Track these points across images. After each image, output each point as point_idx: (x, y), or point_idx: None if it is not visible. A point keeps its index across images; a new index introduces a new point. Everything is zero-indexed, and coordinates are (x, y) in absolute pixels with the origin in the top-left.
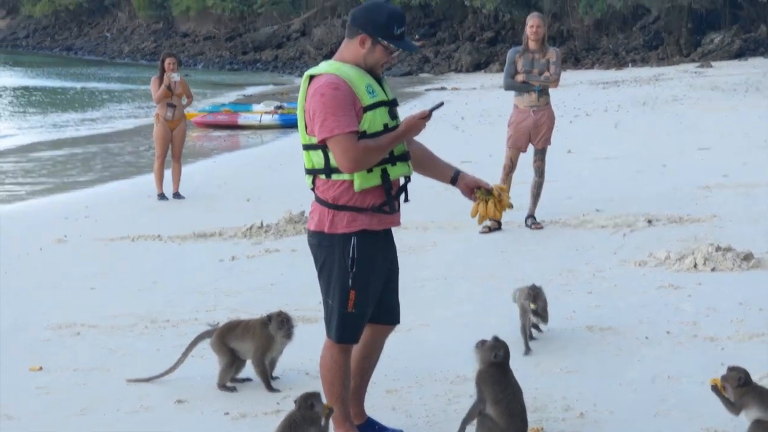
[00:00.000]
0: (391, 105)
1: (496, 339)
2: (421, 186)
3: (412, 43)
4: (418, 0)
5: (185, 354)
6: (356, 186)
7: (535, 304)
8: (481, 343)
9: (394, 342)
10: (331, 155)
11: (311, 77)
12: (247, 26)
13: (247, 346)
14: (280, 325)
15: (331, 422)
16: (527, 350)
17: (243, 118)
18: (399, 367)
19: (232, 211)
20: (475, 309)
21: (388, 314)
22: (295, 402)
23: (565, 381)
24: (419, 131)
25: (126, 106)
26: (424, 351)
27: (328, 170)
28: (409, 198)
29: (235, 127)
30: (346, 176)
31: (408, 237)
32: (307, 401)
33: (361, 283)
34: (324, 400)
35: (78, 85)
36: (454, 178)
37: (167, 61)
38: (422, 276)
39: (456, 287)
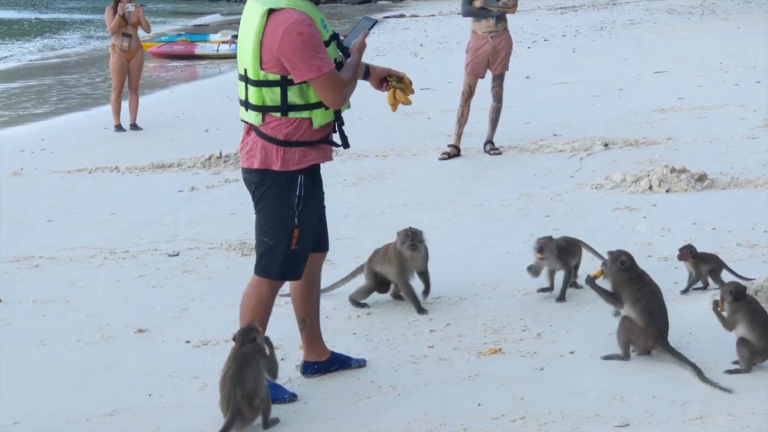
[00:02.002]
0: (337, 38)
1: (618, 251)
2: (379, 114)
3: None
4: None
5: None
6: (315, 124)
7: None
8: (609, 254)
9: (355, 268)
10: (290, 93)
11: (270, 11)
12: None
13: (387, 268)
14: (404, 239)
15: None
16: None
17: (200, 48)
18: None
19: (190, 141)
20: (435, 235)
21: (321, 241)
22: (235, 339)
23: (523, 302)
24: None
25: (81, 36)
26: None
27: (285, 108)
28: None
29: (192, 57)
30: (304, 114)
31: (368, 165)
32: (249, 335)
33: (306, 220)
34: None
35: (31, 16)
36: (366, 73)
37: None
38: (382, 203)
39: (416, 214)
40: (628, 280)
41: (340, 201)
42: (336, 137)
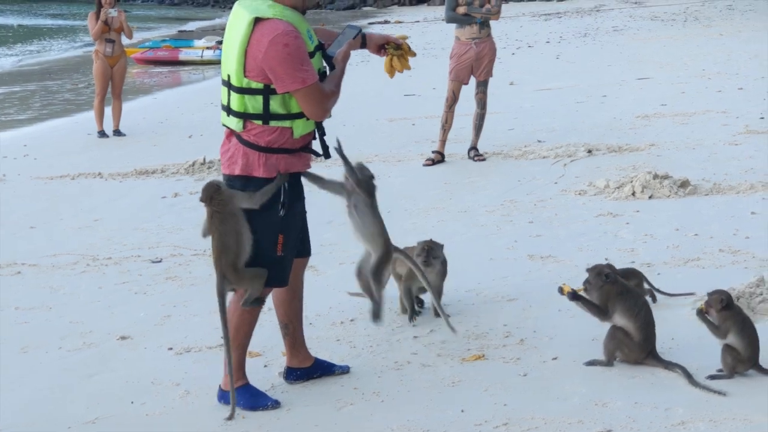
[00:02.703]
0: (322, 48)
1: (599, 264)
2: (363, 120)
3: None
4: None
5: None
6: (296, 133)
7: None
8: (590, 270)
9: (339, 275)
10: (272, 102)
11: (257, 20)
12: None
13: (400, 271)
14: (419, 252)
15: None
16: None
17: (184, 54)
18: (343, 300)
19: (173, 147)
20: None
21: (304, 247)
22: (203, 200)
23: (506, 309)
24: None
25: (64, 42)
26: None
27: (267, 116)
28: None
29: (176, 62)
30: (286, 123)
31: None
32: (211, 190)
33: (289, 225)
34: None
35: (14, 22)
36: (363, 42)
37: None
38: None
39: (400, 220)
40: (619, 294)
41: (324, 207)
42: (317, 146)
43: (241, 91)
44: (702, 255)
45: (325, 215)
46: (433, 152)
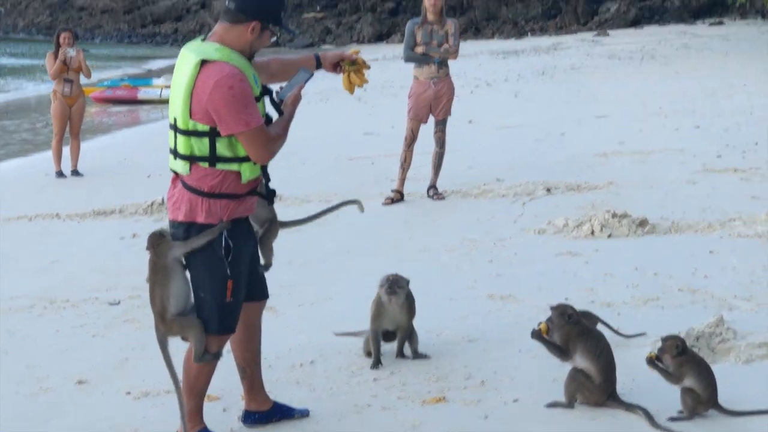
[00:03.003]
0: (269, 93)
1: (562, 304)
2: (323, 158)
3: (290, 27)
4: None
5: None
6: (244, 178)
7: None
8: (554, 309)
9: (298, 316)
10: (218, 145)
11: (203, 62)
12: None
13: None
14: (383, 282)
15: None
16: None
17: (143, 93)
18: (302, 341)
19: (132, 187)
20: (378, 281)
21: (260, 289)
22: (147, 248)
23: (467, 349)
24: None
25: (22, 81)
26: (328, 324)
27: (214, 159)
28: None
29: (134, 101)
30: (233, 166)
31: (311, 209)
32: (156, 239)
33: (237, 270)
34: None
35: None
36: (318, 63)
37: (62, 35)
38: (325, 249)
39: (359, 260)
40: (579, 334)
41: (282, 247)
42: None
43: (187, 133)
44: (661, 294)
45: (284, 255)
46: (392, 191)
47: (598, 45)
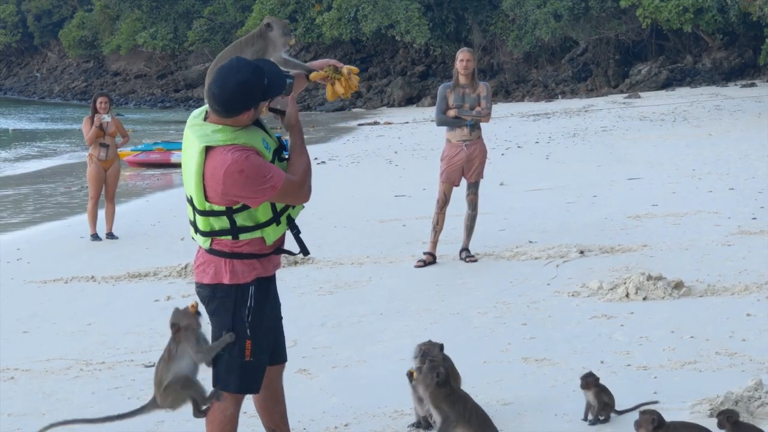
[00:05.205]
0: (282, 148)
1: (433, 361)
2: (354, 221)
3: (284, 78)
4: (349, 35)
5: None
6: (268, 241)
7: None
8: (418, 370)
9: (332, 378)
10: (237, 218)
11: (207, 149)
12: (178, 64)
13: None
14: (417, 353)
15: None
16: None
17: (176, 156)
18: (336, 403)
19: (166, 250)
20: (411, 343)
21: (279, 353)
22: (170, 327)
23: (501, 413)
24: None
25: (57, 146)
26: (362, 387)
27: (235, 232)
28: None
29: (168, 165)
30: (256, 233)
31: (344, 272)
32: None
33: (257, 331)
34: None
35: (8, 126)
36: (307, 75)
37: (99, 100)
38: (358, 312)
39: (392, 322)
40: (447, 397)
41: (315, 309)
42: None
43: (204, 213)
44: (699, 357)
45: (317, 318)
46: (424, 253)
47: (629, 107)
